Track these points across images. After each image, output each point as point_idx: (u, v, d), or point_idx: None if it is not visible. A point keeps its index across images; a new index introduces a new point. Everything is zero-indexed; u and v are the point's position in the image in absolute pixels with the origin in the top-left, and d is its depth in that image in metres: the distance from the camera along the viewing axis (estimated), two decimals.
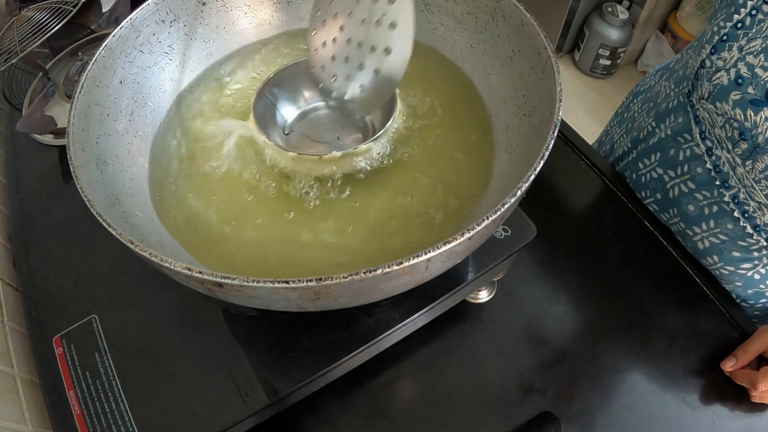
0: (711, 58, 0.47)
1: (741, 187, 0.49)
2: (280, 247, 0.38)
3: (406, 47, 0.36)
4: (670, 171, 0.57)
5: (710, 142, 0.50)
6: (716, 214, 0.53)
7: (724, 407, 0.49)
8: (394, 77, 0.38)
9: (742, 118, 0.45)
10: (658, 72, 0.66)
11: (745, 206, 0.49)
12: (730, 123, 0.47)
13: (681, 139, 0.54)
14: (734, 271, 0.55)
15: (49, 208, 0.53)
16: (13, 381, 0.43)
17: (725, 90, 0.46)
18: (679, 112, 0.54)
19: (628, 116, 0.69)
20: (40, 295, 0.46)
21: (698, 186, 0.54)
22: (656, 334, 0.53)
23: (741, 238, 0.52)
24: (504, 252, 0.43)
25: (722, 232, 0.53)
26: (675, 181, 0.56)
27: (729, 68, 0.45)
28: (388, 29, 0.36)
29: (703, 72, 0.49)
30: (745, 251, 0.53)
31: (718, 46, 0.47)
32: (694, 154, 0.53)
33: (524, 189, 0.29)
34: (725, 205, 0.51)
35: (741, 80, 0.44)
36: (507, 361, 0.51)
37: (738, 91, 0.45)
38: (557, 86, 0.33)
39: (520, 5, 0.39)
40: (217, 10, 0.48)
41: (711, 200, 0.53)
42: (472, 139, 0.43)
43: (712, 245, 0.55)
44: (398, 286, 0.30)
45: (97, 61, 0.39)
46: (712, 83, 0.47)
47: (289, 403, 0.42)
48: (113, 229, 0.28)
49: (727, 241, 0.53)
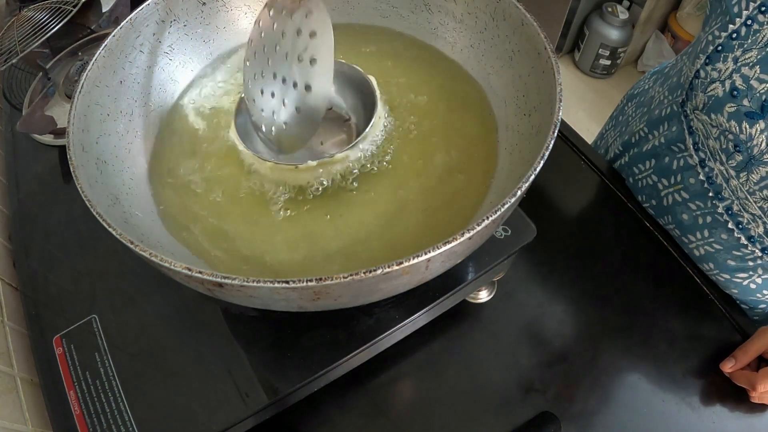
0: (706, 68, 0.46)
1: (734, 198, 0.48)
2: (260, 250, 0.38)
3: (324, 85, 0.35)
4: (664, 179, 0.57)
5: (703, 153, 0.50)
6: (710, 224, 0.53)
7: (724, 408, 0.49)
8: (315, 115, 0.37)
9: (737, 130, 0.44)
10: (653, 76, 0.65)
11: (739, 218, 0.49)
12: (725, 135, 0.46)
13: (675, 148, 0.54)
14: (730, 279, 0.55)
15: (49, 208, 0.53)
16: (13, 381, 0.43)
17: (720, 102, 0.45)
18: (673, 121, 0.54)
19: (622, 119, 0.69)
20: (40, 295, 0.46)
21: (692, 196, 0.53)
22: (656, 334, 0.53)
23: (735, 248, 0.52)
24: (504, 252, 0.43)
25: (717, 241, 0.53)
26: (669, 190, 0.56)
27: (724, 80, 0.44)
28: (309, 65, 0.35)
29: (698, 83, 0.48)
30: (740, 261, 0.52)
31: (713, 56, 0.46)
32: (687, 164, 0.53)
33: (524, 189, 0.29)
34: (719, 216, 0.51)
35: (736, 92, 0.43)
36: (507, 361, 0.51)
37: (733, 103, 0.44)
38: (557, 86, 0.33)
39: (520, 5, 0.39)
40: (217, 10, 0.48)
41: (705, 210, 0.52)
42: (471, 139, 0.43)
43: (708, 253, 0.55)
44: (398, 286, 0.30)
45: (97, 61, 0.39)
46: (706, 94, 0.47)
47: (289, 403, 0.42)
48: (113, 229, 0.28)
49: (722, 250, 0.53)
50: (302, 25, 0.35)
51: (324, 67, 0.35)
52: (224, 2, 0.48)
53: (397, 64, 0.48)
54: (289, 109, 0.38)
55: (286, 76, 0.37)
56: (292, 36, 0.36)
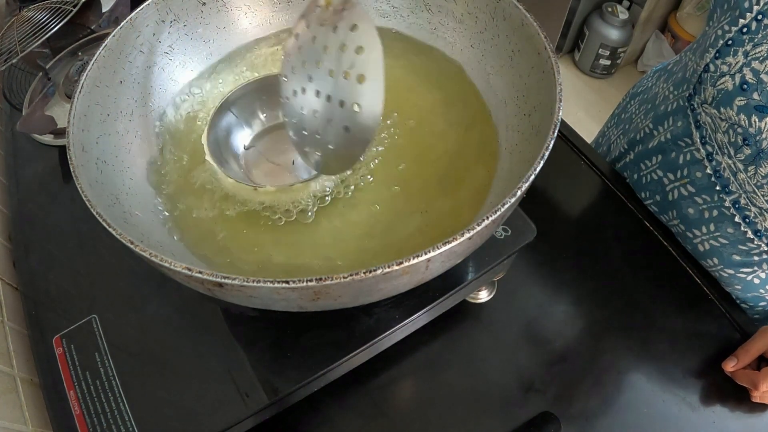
0: (715, 62, 0.47)
1: (742, 192, 0.48)
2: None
3: (376, 104, 0.33)
4: (669, 174, 0.57)
5: (710, 147, 0.50)
6: (716, 218, 0.53)
7: (725, 407, 0.49)
8: (366, 134, 0.34)
9: (747, 124, 0.45)
10: (656, 73, 0.66)
11: (746, 211, 0.49)
12: (734, 128, 0.46)
13: (681, 143, 0.54)
14: (734, 275, 0.55)
15: (49, 208, 0.53)
16: (13, 381, 0.43)
17: (730, 95, 0.46)
18: (679, 116, 0.54)
19: (625, 117, 0.69)
20: (40, 295, 0.46)
21: (698, 190, 0.53)
22: (656, 334, 0.53)
23: (741, 242, 0.52)
24: (504, 252, 0.43)
25: (722, 235, 0.53)
26: (674, 185, 0.56)
27: (734, 73, 0.45)
28: (357, 83, 0.33)
29: (707, 76, 0.48)
30: (746, 255, 0.52)
31: (723, 50, 0.46)
32: (694, 159, 0.53)
33: (524, 189, 0.29)
34: (725, 209, 0.51)
35: (746, 86, 0.44)
36: (507, 361, 0.51)
37: (743, 96, 0.44)
38: (557, 86, 0.33)
39: (520, 5, 0.39)
40: (217, 10, 0.48)
41: (711, 204, 0.52)
42: (471, 139, 0.43)
43: (712, 248, 0.55)
44: (398, 286, 0.30)
45: (97, 61, 0.39)
46: (716, 88, 0.47)
47: (289, 403, 0.42)
48: (113, 229, 0.28)
49: (728, 244, 0.53)
50: (347, 40, 0.32)
51: (374, 86, 0.32)
52: (224, 2, 0.48)
53: (397, 64, 0.48)
54: (336, 128, 0.35)
55: (331, 94, 0.34)
56: (336, 51, 0.33)
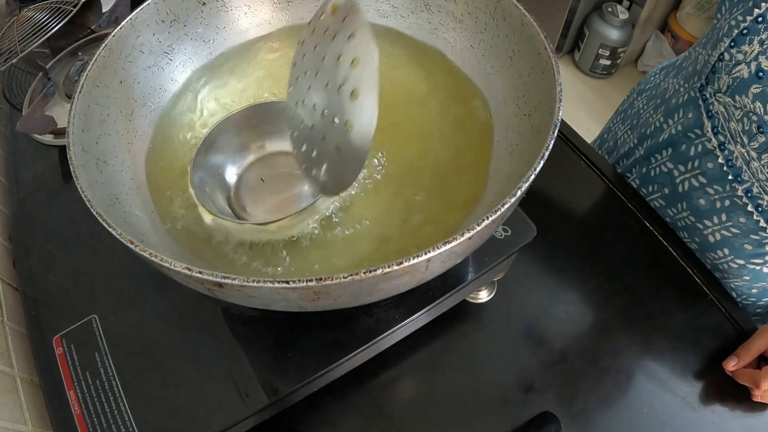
0: (730, 51, 0.47)
1: (755, 181, 0.49)
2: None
3: (367, 123, 0.29)
4: (680, 166, 0.57)
5: (723, 136, 0.50)
6: (728, 208, 0.53)
7: (725, 407, 0.49)
8: (357, 155, 0.30)
9: (762, 111, 0.45)
10: (663, 70, 0.66)
11: (759, 200, 0.49)
12: (749, 116, 0.47)
13: (692, 134, 0.54)
14: (743, 265, 0.55)
15: (49, 208, 0.53)
16: (13, 381, 0.43)
17: (745, 83, 0.46)
18: (690, 107, 0.54)
19: (632, 113, 0.69)
20: (40, 295, 0.46)
21: (710, 180, 0.54)
22: (656, 334, 0.53)
23: (753, 231, 0.52)
24: (504, 252, 0.43)
25: (734, 225, 0.53)
26: (685, 176, 0.56)
27: (749, 62, 0.46)
28: (350, 99, 0.30)
29: (722, 65, 0.49)
30: (757, 245, 0.53)
31: (738, 39, 0.47)
32: (705, 149, 0.53)
33: (524, 189, 0.29)
34: (738, 199, 0.52)
35: (762, 74, 0.44)
36: (507, 361, 0.51)
37: (758, 84, 0.45)
38: (557, 86, 0.33)
39: (520, 5, 0.39)
40: (217, 10, 0.48)
41: (723, 194, 0.53)
42: (471, 139, 0.43)
43: (724, 238, 0.55)
44: (398, 286, 0.30)
45: (97, 61, 0.39)
46: (731, 76, 0.48)
47: (289, 403, 0.42)
48: (113, 229, 0.28)
49: (739, 234, 0.53)
50: (343, 50, 0.30)
51: (366, 103, 0.29)
52: (224, 2, 0.48)
53: (396, 63, 0.48)
54: (329, 147, 0.32)
55: (326, 109, 0.32)
56: (332, 62, 0.31)
